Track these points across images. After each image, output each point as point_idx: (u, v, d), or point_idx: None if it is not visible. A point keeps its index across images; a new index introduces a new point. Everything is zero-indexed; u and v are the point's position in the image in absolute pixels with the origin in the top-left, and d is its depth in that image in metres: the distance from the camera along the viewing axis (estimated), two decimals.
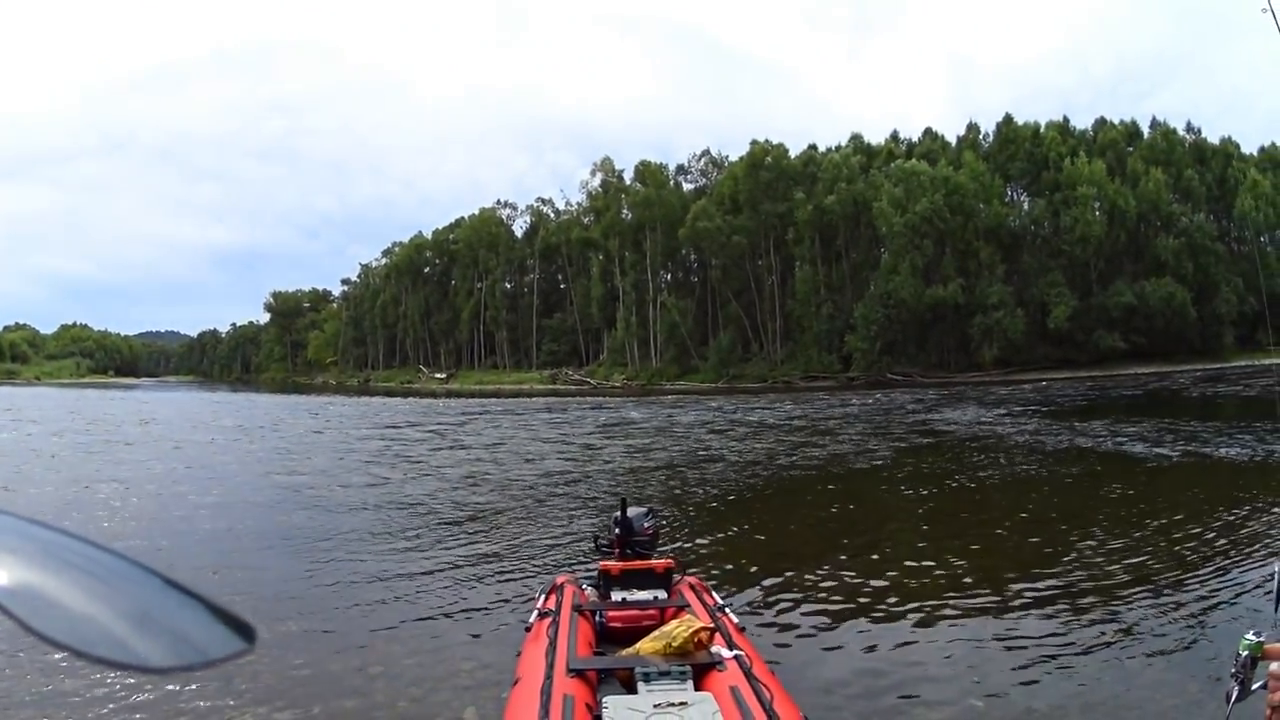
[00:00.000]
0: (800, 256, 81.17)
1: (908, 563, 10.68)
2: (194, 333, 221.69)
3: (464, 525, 13.27)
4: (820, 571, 10.14)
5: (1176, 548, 10.91)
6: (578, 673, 4.51)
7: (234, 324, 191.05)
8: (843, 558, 10.93)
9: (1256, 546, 10.96)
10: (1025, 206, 79.98)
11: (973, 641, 7.90)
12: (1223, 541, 11.15)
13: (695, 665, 4.57)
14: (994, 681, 6.96)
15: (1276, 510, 13.40)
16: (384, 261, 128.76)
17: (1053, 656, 7.51)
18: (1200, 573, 9.95)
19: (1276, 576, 2.09)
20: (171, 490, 17.17)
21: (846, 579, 9.87)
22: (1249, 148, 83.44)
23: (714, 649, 4.69)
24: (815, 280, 79.85)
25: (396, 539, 12.22)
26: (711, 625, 4.97)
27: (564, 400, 58.87)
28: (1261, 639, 1.96)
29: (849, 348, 75.41)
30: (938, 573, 10.15)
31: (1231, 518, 12.60)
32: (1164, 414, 28.98)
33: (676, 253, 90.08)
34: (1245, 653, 2.00)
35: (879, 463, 20.44)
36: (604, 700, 4.17)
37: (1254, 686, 1.93)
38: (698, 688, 4.39)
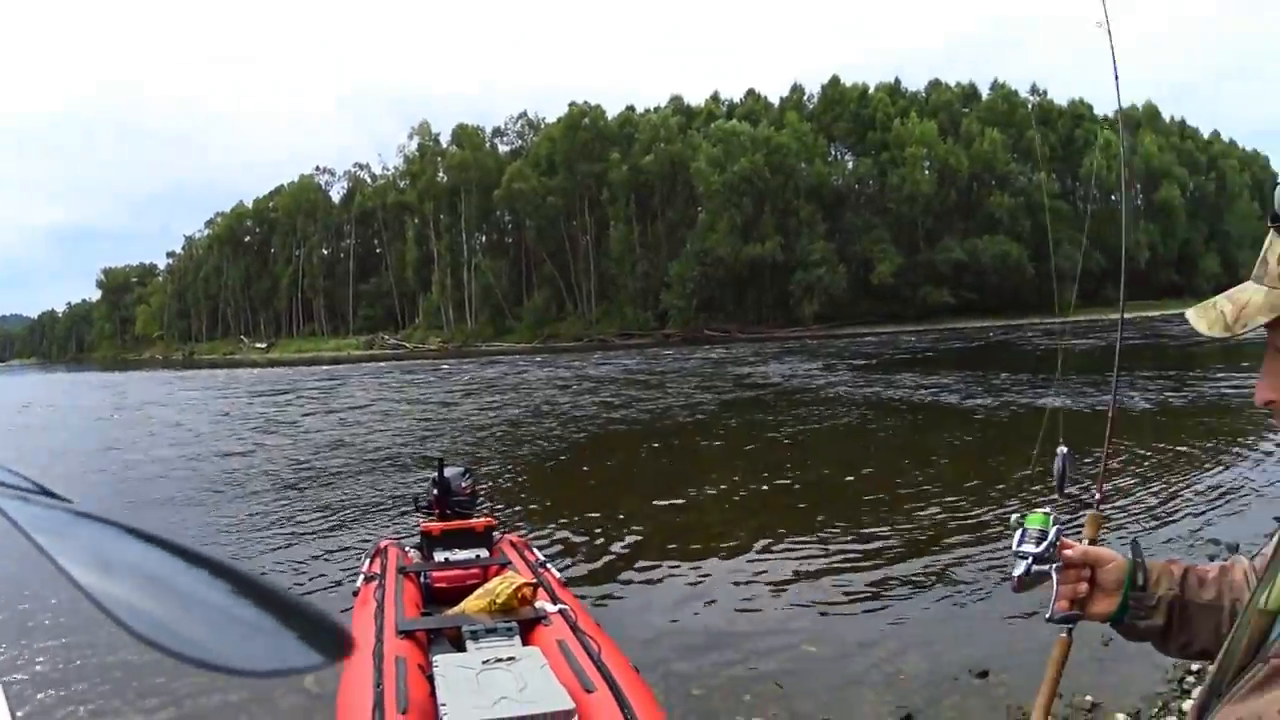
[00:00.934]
0: (615, 216, 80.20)
1: (729, 513, 10.92)
2: (36, 315, 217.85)
3: (283, 494, 12.89)
4: (641, 524, 10.24)
5: (989, 490, 11.33)
6: (407, 634, 4.57)
7: (69, 303, 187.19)
8: (663, 510, 11.02)
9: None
10: (850, 166, 79.69)
11: (797, 587, 8.02)
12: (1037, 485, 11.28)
13: (521, 621, 4.70)
14: (821, 626, 7.09)
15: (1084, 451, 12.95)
16: (207, 233, 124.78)
17: (876, 596, 7.74)
18: (1008, 511, 8.96)
19: (1059, 459, 1.98)
20: None
21: (668, 531, 10.00)
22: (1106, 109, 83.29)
23: (538, 604, 4.78)
24: (630, 239, 78.79)
25: (209, 511, 11.90)
26: (534, 581, 5.01)
27: (381, 366, 58.89)
28: (1048, 513, 1.65)
29: (665, 305, 74.36)
30: (760, 522, 10.23)
31: (1041, 467, 11.56)
32: (988, 367, 30.07)
33: (491, 214, 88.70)
34: (1035, 526, 1.64)
35: (699, 417, 20.76)
36: (435, 660, 4.18)
37: (1049, 568, 1.63)
38: (525, 643, 4.51)
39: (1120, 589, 1.54)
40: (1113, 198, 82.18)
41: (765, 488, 12.35)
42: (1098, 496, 2.00)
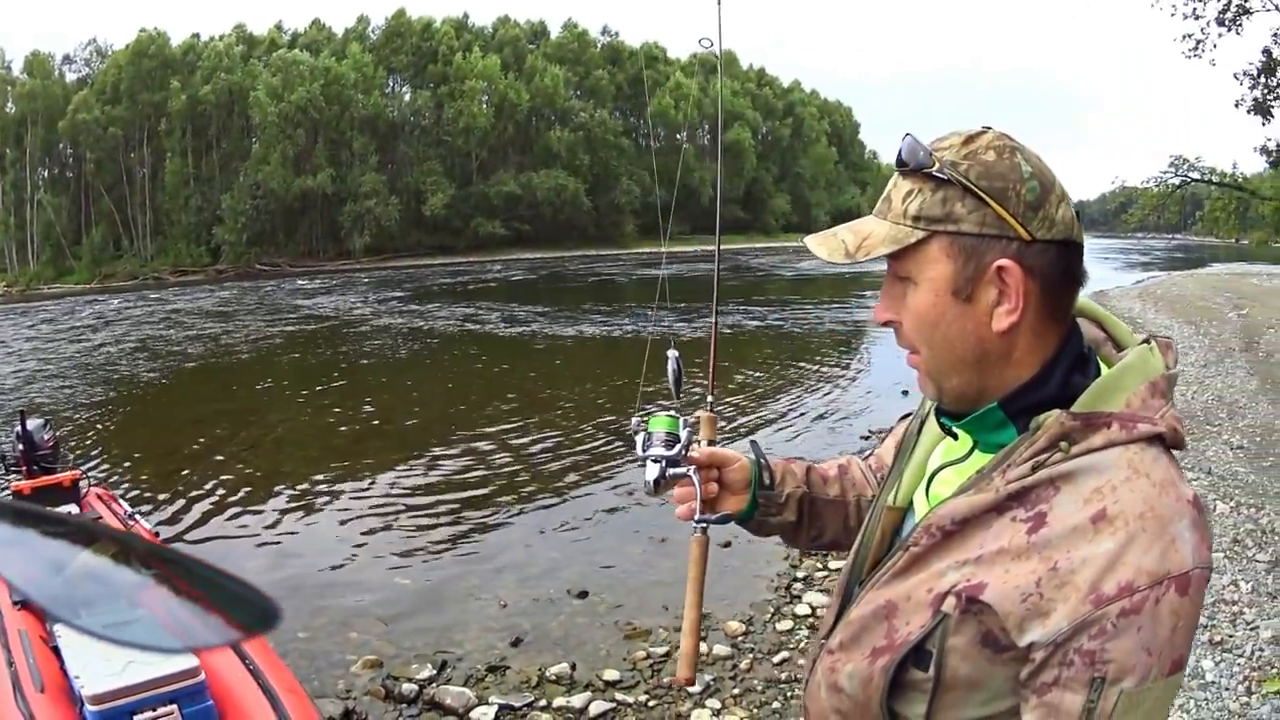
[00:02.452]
0: (171, 148, 77.33)
1: (312, 452, 11.04)
2: None
3: None
4: (223, 469, 10.14)
5: (572, 417, 12.36)
6: (22, 604, 4.24)
7: None
8: (244, 453, 10.97)
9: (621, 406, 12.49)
10: (407, 98, 79.91)
11: (386, 524, 8.29)
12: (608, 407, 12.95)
13: None
14: (415, 561, 7.42)
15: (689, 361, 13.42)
16: None
17: (466, 528, 8.21)
18: (590, 432, 11.66)
19: (671, 360, 1.85)
20: None
21: (253, 475, 9.95)
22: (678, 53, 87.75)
23: None
24: (184, 172, 76.50)
25: None
26: None
27: None
28: (675, 415, 1.65)
29: (218, 240, 72.67)
30: (344, 460, 10.47)
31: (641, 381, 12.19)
32: (538, 298, 32.19)
33: (55, 148, 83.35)
34: (663, 429, 1.62)
35: (262, 354, 20.80)
36: (55, 629, 3.97)
37: (685, 470, 1.61)
38: None
39: (747, 488, 1.60)
40: (679, 136, 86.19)
41: (347, 427, 12.61)
42: (710, 398, 1.92)
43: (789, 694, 5.06)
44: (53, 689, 3.67)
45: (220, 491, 9.33)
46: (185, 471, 10.04)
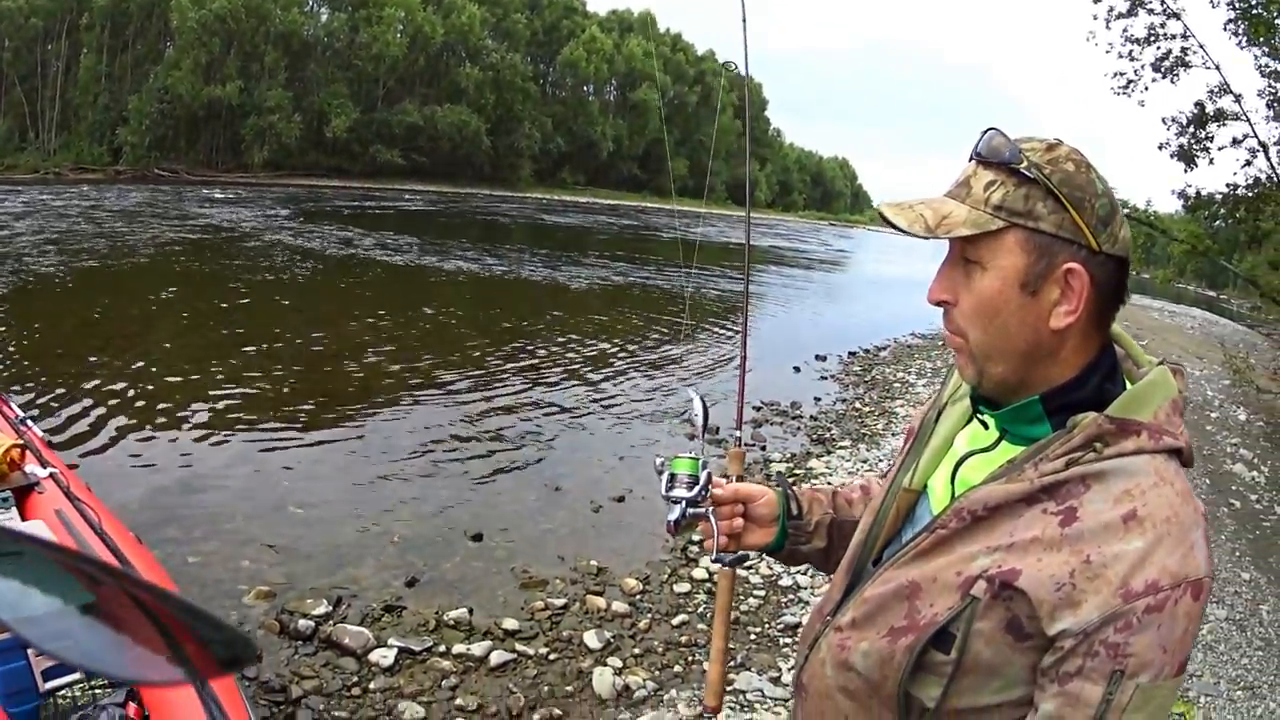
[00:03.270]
0: (89, 44, 76.30)
1: (199, 364, 10.64)
2: None
3: None
4: (116, 374, 9.83)
5: (474, 345, 12.77)
6: None
7: None
8: (135, 361, 10.55)
9: (521, 347, 13.33)
10: (325, 18, 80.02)
11: (277, 447, 8.09)
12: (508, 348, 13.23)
13: (14, 490, 3.90)
14: (306, 489, 7.19)
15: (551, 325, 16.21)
16: None
17: (359, 459, 8.03)
18: (492, 375, 11.71)
19: (697, 403, 1.92)
20: None
21: (142, 384, 9.60)
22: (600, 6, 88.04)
23: (28, 468, 4.02)
24: (97, 69, 75.49)
25: None
26: (21, 442, 4.15)
27: None
28: (696, 457, 1.73)
29: (120, 140, 72.00)
30: (232, 377, 10.25)
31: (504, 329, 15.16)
32: (444, 232, 32.09)
33: None
34: (685, 472, 1.71)
35: (158, 260, 19.95)
36: None
37: (704, 510, 1.70)
38: (22, 516, 3.80)
39: (775, 520, 1.69)
40: (585, 88, 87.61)
41: (244, 344, 12.07)
42: (737, 433, 2.08)
43: (689, 659, 5.08)
44: None
45: (112, 401, 8.93)
46: (78, 376, 9.64)
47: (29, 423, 5.01)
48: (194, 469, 7.49)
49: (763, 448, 9.72)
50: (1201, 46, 14.08)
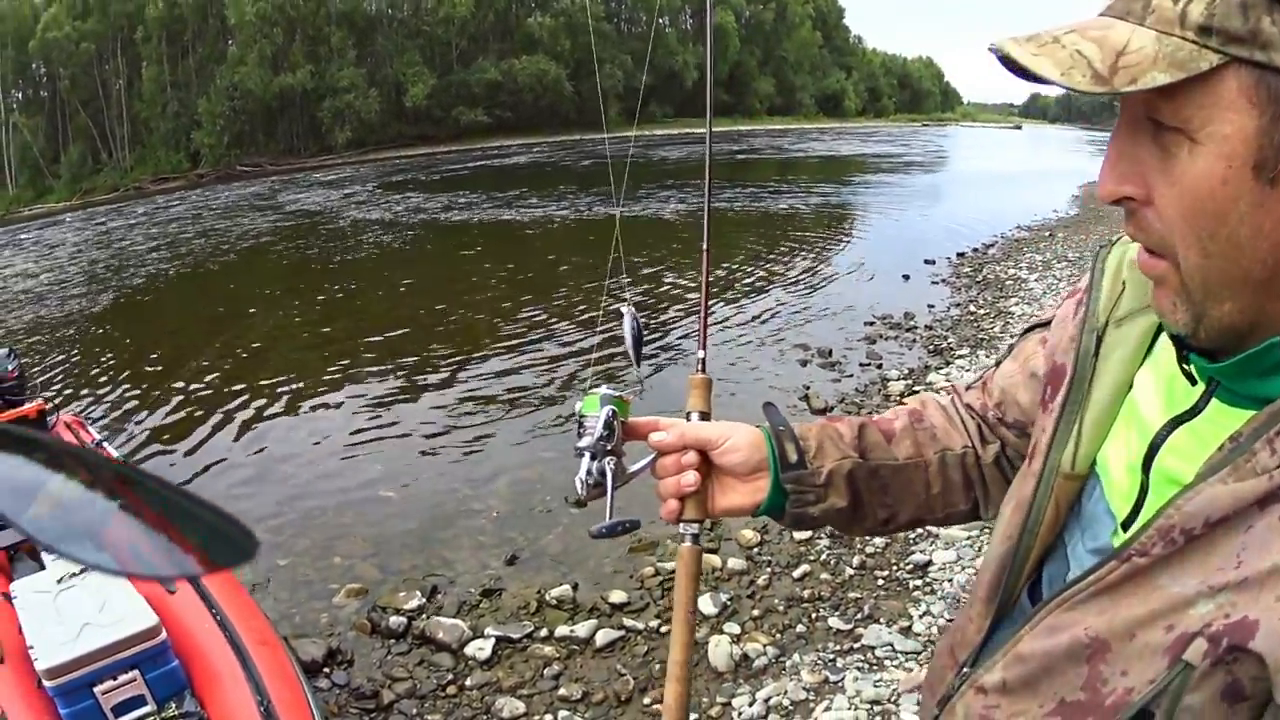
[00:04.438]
0: (148, 56, 76.11)
1: (288, 361, 10.50)
2: None
3: None
4: (197, 384, 9.66)
5: (561, 317, 11.60)
6: None
7: None
8: (218, 366, 10.36)
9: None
10: None
11: (365, 431, 7.87)
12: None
13: None
14: (398, 470, 6.99)
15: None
16: None
17: (446, 431, 7.76)
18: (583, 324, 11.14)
19: (627, 319, 1.51)
20: None
21: (224, 390, 9.38)
22: None
23: None
24: (161, 79, 75.71)
25: None
26: None
27: None
28: (610, 392, 1.27)
29: (196, 144, 72.08)
30: (319, 367, 10.06)
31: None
32: (535, 183, 30.46)
33: (28, 69, 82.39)
34: (591, 413, 1.26)
35: (243, 256, 19.79)
36: (14, 585, 3.53)
37: (635, 467, 1.26)
38: None
39: (764, 471, 1.21)
40: (662, 20, 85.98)
41: (330, 330, 11.95)
42: (701, 354, 1.43)
43: (813, 615, 4.64)
44: (14, 657, 3.31)
45: (195, 410, 8.88)
46: (160, 389, 9.58)
47: (104, 445, 5.69)
48: (278, 465, 7.32)
49: (879, 365, 9.21)
50: None
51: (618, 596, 4.86)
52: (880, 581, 4.84)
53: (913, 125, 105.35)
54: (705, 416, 1.28)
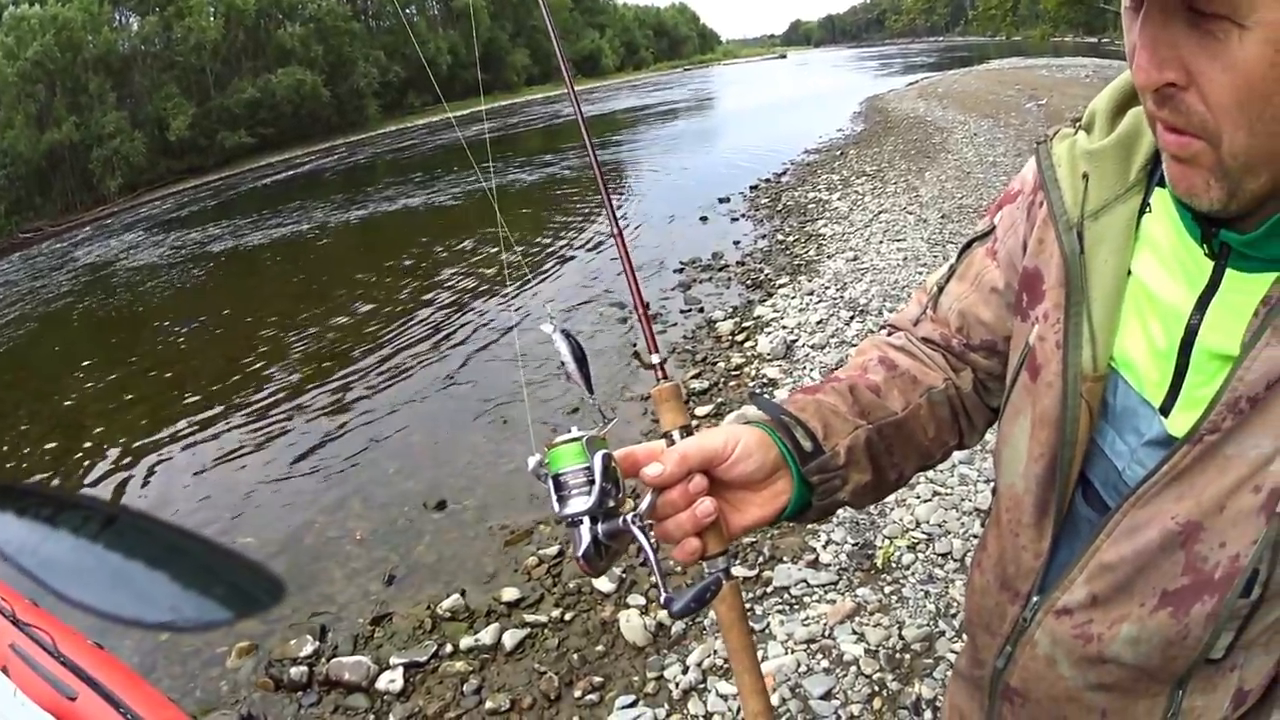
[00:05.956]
0: None
1: (107, 416, 9.97)
2: None
3: None
4: (23, 455, 9.19)
5: (367, 311, 11.87)
6: None
7: None
8: (36, 456, 9.26)
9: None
10: (135, 28, 78.35)
11: (206, 476, 7.58)
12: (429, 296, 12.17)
13: None
14: (251, 508, 6.72)
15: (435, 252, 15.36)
16: None
17: (296, 458, 7.51)
18: (396, 322, 11.15)
19: (561, 341, 1.13)
20: None
21: (50, 457, 9.02)
22: None
23: None
24: None
25: None
26: None
27: None
28: (578, 436, 1.00)
29: None
30: (142, 419, 9.52)
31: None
32: (305, 195, 29.84)
33: None
34: (573, 466, 0.98)
35: (41, 325, 17.72)
36: None
37: (624, 522, 1.00)
38: None
39: (777, 473, 1.07)
40: (408, 10, 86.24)
41: (146, 377, 11.32)
42: (655, 358, 1.18)
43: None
44: None
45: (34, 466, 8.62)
46: None
47: None
48: (214, 480, 7.28)
49: (700, 309, 9.16)
50: None
51: (510, 594, 4.72)
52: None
53: (674, 72, 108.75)
54: (688, 431, 1.09)
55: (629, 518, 0.98)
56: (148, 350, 13.15)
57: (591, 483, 0.96)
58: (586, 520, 0.96)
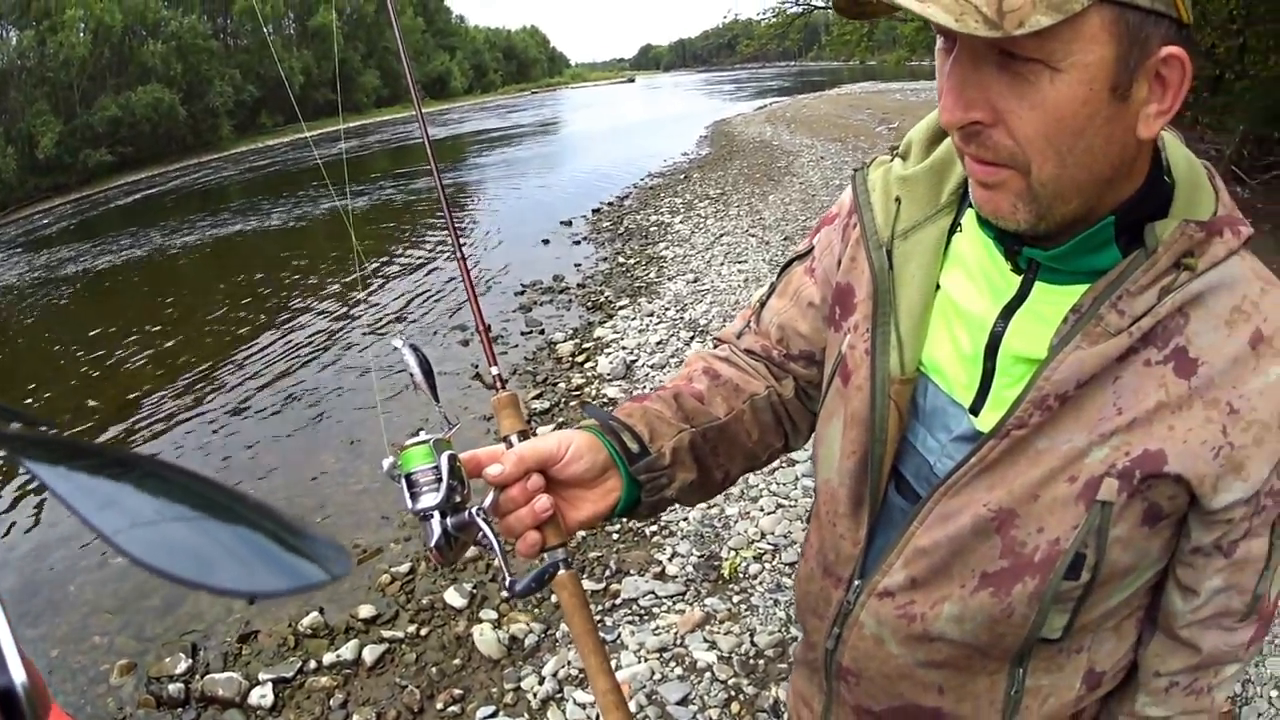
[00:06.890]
0: None
1: None
2: None
3: None
4: None
5: (220, 329, 11.54)
6: None
7: None
8: None
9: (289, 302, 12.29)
10: (14, 42, 78.32)
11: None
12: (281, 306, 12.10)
13: None
14: None
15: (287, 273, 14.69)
16: None
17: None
18: (249, 337, 10.91)
19: (407, 352, 1.20)
20: None
21: None
22: None
23: None
24: None
25: None
26: None
27: None
28: (426, 439, 1.09)
29: None
30: None
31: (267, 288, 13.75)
32: (157, 217, 28.12)
33: None
34: (423, 465, 1.08)
35: None
36: None
37: (472, 514, 1.09)
38: None
39: (610, 471, 1.16)
40: (267, 29, 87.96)
41: None
42: (494, 370, 1.29)
43: None
44: None
45: None
46: None
47: None
48: (7, 551, 6.65)
49: (541, 331, 9.16)
50: None
51: (366, 611, 4.77)
52: (615, 536, 4.82)
53: (522, 95, 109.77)
54: (525, 435, 1.18)
55: (474, 511, 1.07)
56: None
57: (440, 481, 1.05)
58: (436, 514, 1.05)
